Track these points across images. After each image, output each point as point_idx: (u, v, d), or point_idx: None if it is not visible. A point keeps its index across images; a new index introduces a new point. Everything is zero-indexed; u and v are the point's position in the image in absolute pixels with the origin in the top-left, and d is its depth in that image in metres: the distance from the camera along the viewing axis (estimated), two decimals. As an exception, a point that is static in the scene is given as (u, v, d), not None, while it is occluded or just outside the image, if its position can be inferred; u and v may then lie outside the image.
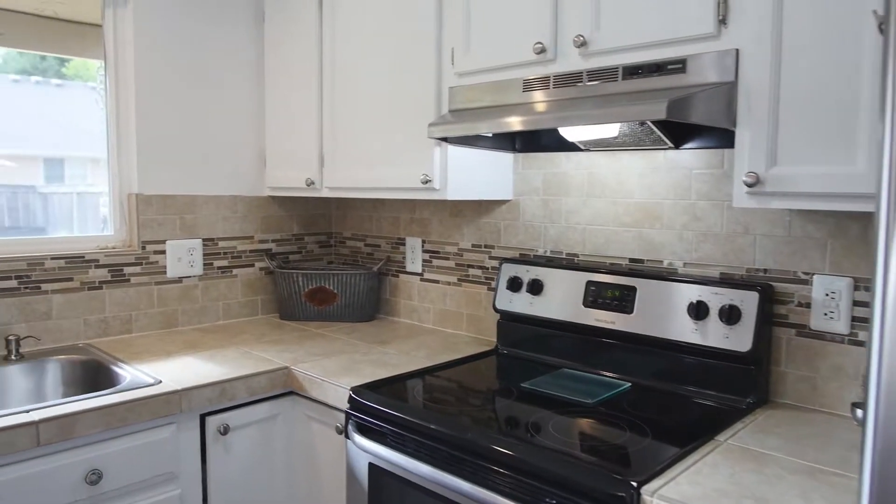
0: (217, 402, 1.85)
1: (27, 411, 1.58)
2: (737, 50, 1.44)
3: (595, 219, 2.06)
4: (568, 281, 2.01)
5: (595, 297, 1.94)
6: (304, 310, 2.62)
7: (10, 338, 2.03)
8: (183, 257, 2.48)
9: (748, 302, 1.66)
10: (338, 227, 2.95)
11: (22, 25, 2.52)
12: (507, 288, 2.14)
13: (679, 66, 1.51)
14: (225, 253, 2.61)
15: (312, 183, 2.41)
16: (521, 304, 2.11)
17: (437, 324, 2.53)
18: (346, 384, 1.82)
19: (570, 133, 1.91)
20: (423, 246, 2.56)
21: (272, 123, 2.63)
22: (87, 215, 2.49)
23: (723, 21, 1.45)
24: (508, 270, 2.16)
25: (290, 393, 2.02)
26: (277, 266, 2.69)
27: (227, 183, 2.59)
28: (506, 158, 2.24)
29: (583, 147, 2.02)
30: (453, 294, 2.46)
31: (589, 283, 1.97)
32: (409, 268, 2.62)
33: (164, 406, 1.75)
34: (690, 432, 1.50)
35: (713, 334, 1.71)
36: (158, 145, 2.40)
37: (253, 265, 2.69)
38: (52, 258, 2.19)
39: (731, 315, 1.67)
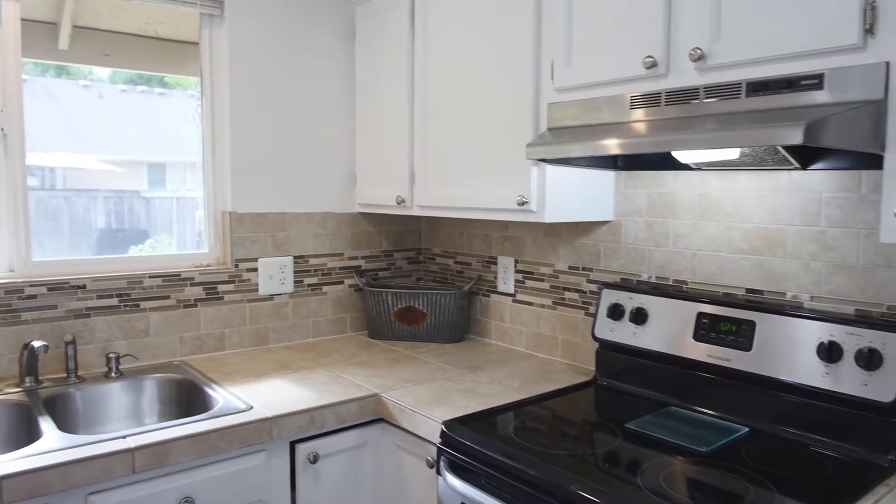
0: (306, 430, 1.82)
1: (124, 437, 1.59)
2: (887, 63, 1.26)
3: (707, 244, 1.90)
4: (676, 311, 1.86)
5: (707, 330, 1.78)
6: (392, 329, 2.56)
7: (111, 355, 2.07)
8: (274, 275, 2.48)
9: (892, 346, 1.47)
10: (427, 244, 2.89)
11: (127, 46, 2.60)
12: (608, 316, 2.00)
13: (815, 81, 1.34)
14: (315, 270, 2.59)
15: (403, 201, 2.35)
16: (624, 333, 1.97)
17: (530, 347, 2.41)
18: (438, 417, 1.74)
19: (684, 154, 1.76)
20: (515, 266, 2.46)
21: (363, 140, 2.60)
22: (186, 219, 2.54)
23: (870, 30, 1.27)
24: (609, 296, 2.02)
25: (380, 420, 1.96)
26: (366, 283, 2.66)
27: (317, 200, 2.58)
28: (607, 177, 2.10)
29: (693, 166, 1.86)
30: (548, 317, 2.34)
31: (700, 314, 1.80)
32: (501, 288, 2.52)
33: (255, 434, 1.72)
34: (826, 492, 1.33)
35: (848, 380, 1.51)
36: (251, 163, 2.41)
37: (342, 282, 2.67)
38: (151, 276, 2.22)
39: (870, 359, 1.48)
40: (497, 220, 2.31)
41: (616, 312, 1.98)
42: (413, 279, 2.88)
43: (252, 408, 1.80)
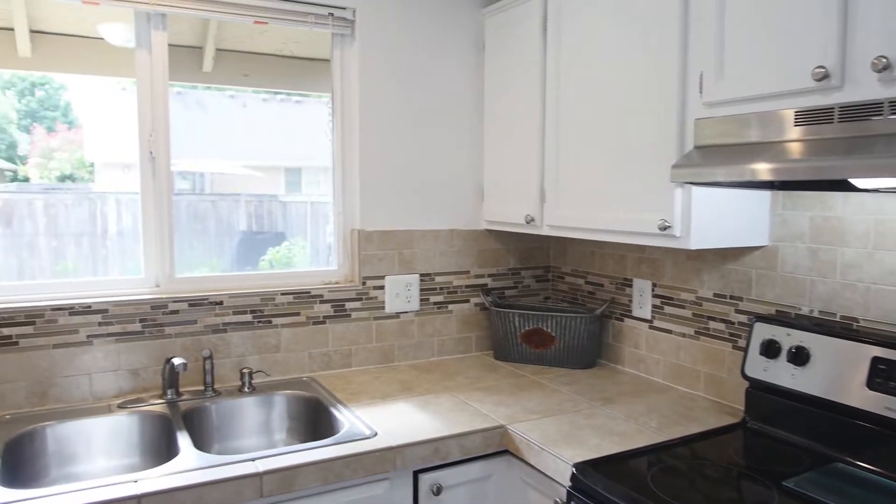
0: (430, 460, 1.76)
1: (253, 460, 1.61)
2: None
3: (884, 277, 1.65)
4: (845, 353, 1.63)
5: (885, 378, 1.54)
6: (519, 351, 2.47)
7: (244, 370, 2.12)
8: (400, 293, 2.46)
9: None
10: (557, 262, 2.76)
11: (264, 65, 2.69)
12: (762, 353, 1.79)
13: None
14: (441, 288, 2.55)
15: (532, 220, 2.25)
16: (780, 373, 1.75)
17: (669, 379, 2.23)
18: (569, 458, 1.62)
19: (863, 181, 1.53)
20: (653, 289, 2.28)
21: (491, 156, 2.52)
22: (319, 223, 2.59)
23: None
24: (763, 331, 1.81)
25: (505, 452, 1.87)
26: (493, 303, 2.58)
27: (444, 217, 2.53)
28: (761, 198, 1.89)
29: (868, 189, 1.62)
30: (689, 348, 2.16)
31: (876, 359, 1.56)
32: (636, 312, 2.35)
33: (380, 463, 1.69)
34: None
35: None
36: (379, 180, 2.40)
37: (468, 301, 2.61)
38: (282, 293, 2.27)
39: None
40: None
41: (771, 349, 1.77)
42: (541, 298, 2.77)
43: (377, 434, 1.77)
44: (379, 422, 1.87)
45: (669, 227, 1.75)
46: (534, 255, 2.75)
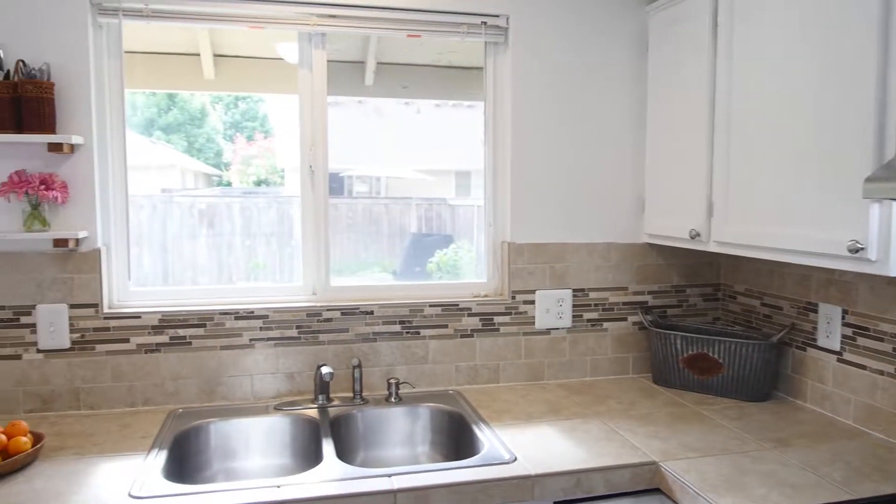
0: (571, 493, 1.65)
1: (389, 476, 1.60)
2: None
3: None
4: None
5: None
6: (681, 376, 2.26)
7: (391, 380, 2.14)
8: (552, 308, 2.35)
9: None
10: (728, 279, 2.50)
11: (421, 76, 2.71)
12: (985, 405, 1.47)
13: None
14: (595, 305, 2.41)
15: (697, 235, 2.05)
16: None
17: (860, 422, 1.92)
18: (728, 509, 1.44)
19: None
20: (843, 317, 1.98)
21: (653, 166, 2.34)
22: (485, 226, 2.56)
23: None
24: None
25: (656, 491, 1.70)
26: (653, 322, 2.39)
27: (600, 229, 2.39)
28: None
29: None
30: (888, 388, 1.83)
31: None
32: (822, 342, 2.05)
33: (516, 491, 1.61)
34: None
35: None
36: (531, 191, 2.32)
37: (625, 319, 2.44)
38: (431, 305, 2.26)
39: None
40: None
41: None
42: (709, 319, 2.52)
43: (516, 459, 1.69)
44: (520, 445, 1.79)
45: (862, 248, 1.49)
46: (701, 271, 2.51)
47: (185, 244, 2.35)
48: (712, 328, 2.39)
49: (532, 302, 2.35)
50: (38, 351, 1.99)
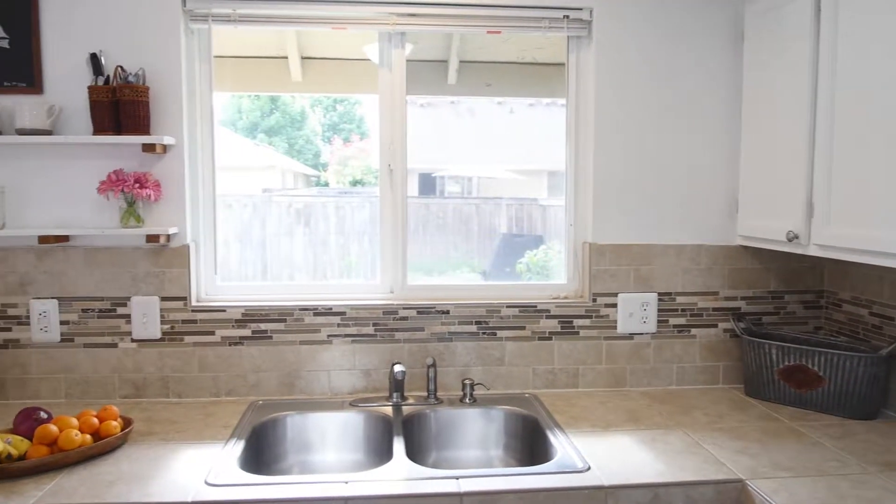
0: (648, 508, 1.56)
1: (456, 478, 1.57)
2: None
3: None
4: None
5: None
6: (776, 389, 2.10)
7: (466, 381, 2.11)
8: (635, 312, 2.25)
9: None
10: (832, 286, 2.31)
11: (504, 74, 2.67)
12: None
13: None
14: (683, 310, 2.28)
15: (796, 237, 1.90)
16: None
17: (985, 448, 1.71)
18: (821, 536, 1.31)
19: None
20: (965, 330, 1.78)
21: (748, 163, 2.19)
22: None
23: None
24: None
25: (743, 511, 1.59)
26: (746, 330, 2.24)
27: (689, 230, 2.26)
28: None
29: None
30: None
31: None
32: (940, 357, 1.85)
33: (587, 502, 1.54)
34: None
35: None
36: (614, 190, 2.23)
37: (715, 325, 2.30)
38: (508, 306, 2.22)
39: None
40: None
41: None
42: (809, 328, 2.34)
43: (589, 469, 1.63)
44: (595, 454, 1.71)
45: None
46: (802, 276, 2.33)
47: (283, 242, 2.43)
48: (813, 338, 2.21)
49: (614, 305, 2.25)
50: (133, 340, 2.10)
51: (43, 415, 1.71)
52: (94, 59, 1.98)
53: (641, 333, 2.27)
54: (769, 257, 2.30)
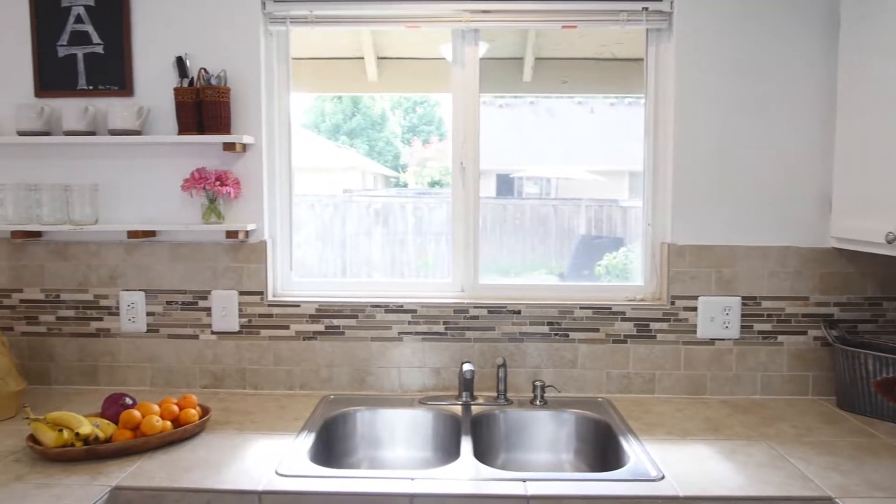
0: (726, 522, 1.48)
1: (523, 481, 1.54)
2: None
3: None
4: None
5: None
6: (872, 402, 1.96)
7: (537, 383, 2.08)
8: (717, 317, 2.15)
9: None
10: (938, 293, 2.13)
11: (581, 70, 2.61)
12: None
13: None
14: (769, 315, 2.16)
15: (896, 239, 1.76)
16: None
17: None
18: (920, 563, 1.21)
19: None
20: None
21: (844, 159, 2.04)
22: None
23: None
24: None
25: (833, 531, 1.48)
26: (839, 338, 2.09)
27: (777, 231, 2.14)
28: None
29: None
30: None
31: None
32: None
33: (660, 512, 1.48)
34: None
35: None
36: (695, 188, 2.13)
37: (805, 333, 2.16)
38: (581, 308, 2.16)
39: None
40: None
41: None
42: (912, 338, 2.17)
43: (663, 478, 1.56)
44: (670, 463, 1.64)
45: None
46: (904, 282, 2.16)
47: (362, 241, 2.48)
48: (915, 349, 2.04)
49: (694, 309, 2.16)
50: (212, 332, 2.18)
51: (128, 401, 1.80)
52: (180, 62, 2.07)
53: (723, 339, 2.16)
54: (866, 261, 2.14)
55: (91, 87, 2.12)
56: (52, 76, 2.12)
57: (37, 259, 2.19)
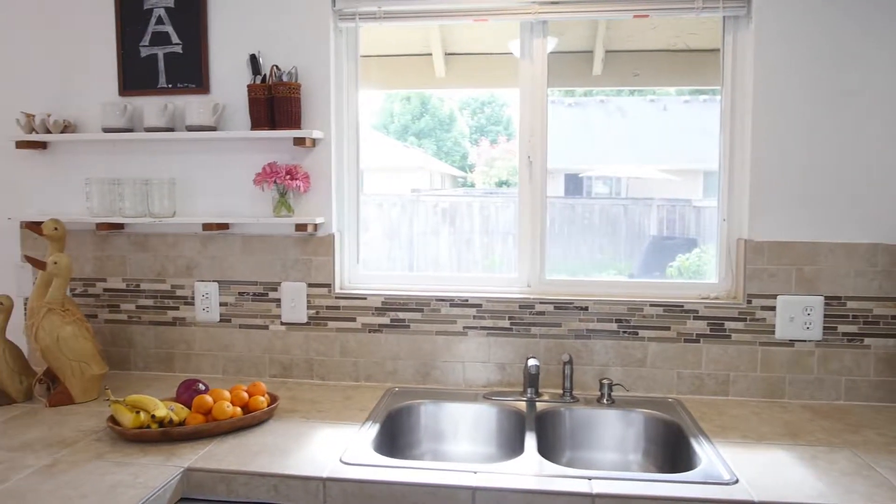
0: (806, 530, 1.40)
1: (588, 479, 1.50)
2: None
3: None
4: None
5: None
6: (970, 412, 1.82)
7: (604, 381, 2.03)
8: (797, 317, 2.05)
9: None
10: None
11: (653, 62, 2.54)
12: None
13: None
14: (855, 316, 2.04)
15: None
16: None
17: None
18: None
19: None
20: None
21: (940, 148, 1.91)
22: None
23: None
24: None
25: (924, 546, 1.38)
26: (933, 342, 1.96)
27: (864, 227, 2.02)
28: None
29: None
30: None
31: None
32: None
33: (734, 516, 1.41)
34: None
35: None
36: (774, 182, 2.04)
37: (895, 336, 2.03)
38: (651, 305, 2.10)
39: None
40: None
41: None
42: None
43: (737, 482, 1.49)
44: (744, 467, 1.57)
45: None
46: None
47: (429, 240, 2.49)
48: None
49: (772, 308, 2.06)
50: (282, 323, 2.23)
51: (201, 386, 1.86)
52: (253, 60, 2.13)
53: (804, 340, 2.06)
54: (965, 260, 2.00)
55: (170, 86, 2.21)
56: (134, 76, 2.22)
57: (119, 250, 2.30)
